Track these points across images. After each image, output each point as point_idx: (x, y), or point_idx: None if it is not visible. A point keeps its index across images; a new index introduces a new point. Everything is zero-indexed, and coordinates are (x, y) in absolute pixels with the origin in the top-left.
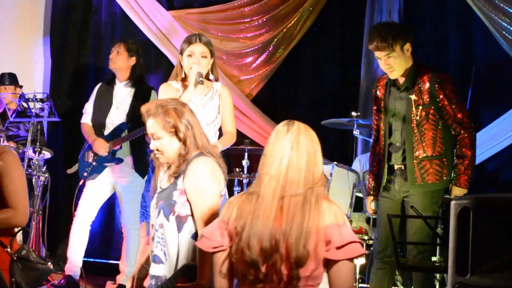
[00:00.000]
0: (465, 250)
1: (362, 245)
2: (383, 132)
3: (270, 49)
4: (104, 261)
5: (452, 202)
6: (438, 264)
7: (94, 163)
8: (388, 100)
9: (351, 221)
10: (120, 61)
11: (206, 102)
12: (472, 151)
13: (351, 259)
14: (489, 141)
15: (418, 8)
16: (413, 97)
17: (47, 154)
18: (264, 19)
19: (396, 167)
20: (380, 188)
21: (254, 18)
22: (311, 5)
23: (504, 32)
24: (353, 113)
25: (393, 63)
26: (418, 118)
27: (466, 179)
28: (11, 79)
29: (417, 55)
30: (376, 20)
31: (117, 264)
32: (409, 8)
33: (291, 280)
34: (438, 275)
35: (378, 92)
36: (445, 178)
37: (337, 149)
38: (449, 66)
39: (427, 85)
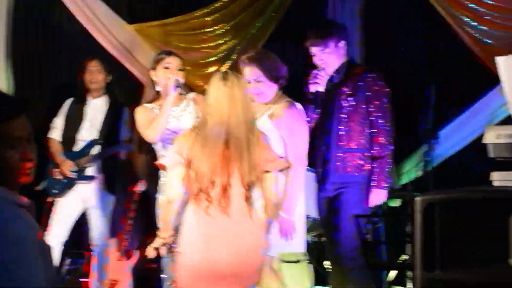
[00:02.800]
0: (431, 246)
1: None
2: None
3: (233, 57)
4: None
5: (418, 198)
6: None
7: (64, 180)
8: (327, 94)
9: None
10: (101, 79)
11: (180, 114)
12: (386, 153)
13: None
14: (455, 136)
15: (380, 6)
16: (344, 89)
17: None
18: (227, 28)
19: (325, 162)
20: None
21: (216, 27)
22: (273, 11)
23: (464, 27)
24: None
25: (326, 59)
26: (347, 109)
27: (384, 180)
28: None
29: (379, 51)
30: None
31: (87, 282)
32: (370, 8)
33: (246, 198)
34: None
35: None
36: (366, 172)
37: None
38: (412, 63)
39: (359, 78)
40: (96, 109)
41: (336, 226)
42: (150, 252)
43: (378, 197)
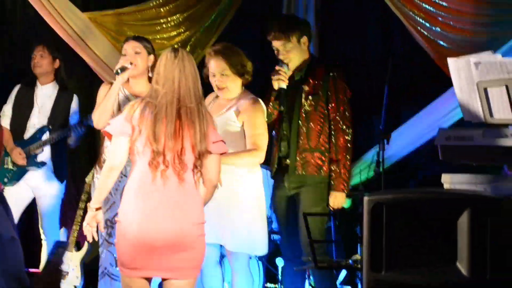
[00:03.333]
0: (379, 246)
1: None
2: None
3: (187, 49)
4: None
5: (365, 198)
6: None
7: (14, 168)
8: (287, 94)
9: (271, 222)
10: (46, 65)
11: None
12: (345, 154)
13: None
14: (409, 137)
15: (335, 3)
16: (305, 87)
17: None
18: (181, 19)
19: (283, 161)
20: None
21: (170, 18)
22: (227, 4)
23: (419, 28)
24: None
25: (288, 54)
26: (307, 108)
27: (344, 183)
28: None
29: (334, 49)
30: None
31: (37, 273)
32: (326, 4)
33: (194, 166)
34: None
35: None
36: (325, 173)
37: None
38: (367, 62)
39: (320, 77)
40: (45, 95)
41: (294, 224)
42: (85, 229)
43: (337, 200)
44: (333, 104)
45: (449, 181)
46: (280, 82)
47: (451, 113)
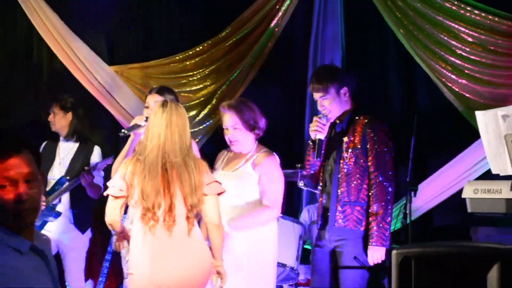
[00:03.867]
0: None
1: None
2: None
3: (214, 102)
4: None
5: (393, 252)
6: None
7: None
8: (328, 140)
9: (298, 274)
10: (58, 121)
11: None
12: (384, 208)
13: (216, 194)
14: (436, 189)
15: (361, 56)
16: (345, 139)
17: None
18: (207, 72)
19: (325, 212)
20: None
21: (196, 72)
22: (253, 57)
23: (444, 80)
24: (297, 165)
25: (327, 105)
26: (347, 161)
27: (383, 237)
28: None
29: (360, 101)
30: None
31: None
32: (352, 57)
33: (187, 218)
34: None
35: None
36: (364, 227)
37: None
38: (393, 115)
39: (360, 129)
40: (66, 148)
41: (334, 280)
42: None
43: (376, 254)
44: (372, 158)
45: (478, 234)
46: (317, 133)
47: (478, 165)
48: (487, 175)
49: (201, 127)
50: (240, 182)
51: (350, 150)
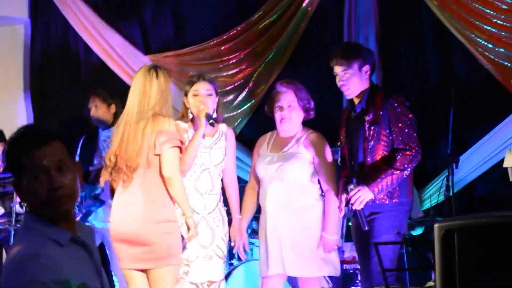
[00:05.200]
0: (452, 274)
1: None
2: (347, 156)
3: (250, 85)
4: None
5: (436, 225)
6: None
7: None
8: (348, 124)
9: (343, 252)
10: (102, 114)
11: (214, 143)
12: (401, 168)
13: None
14: (476, 161)
15: (395, 30)
16: (366, 117)
17: None
18: (242, 56)
19: None
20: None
21: (231, 56)
22: (288, 38)
23: (481, 49)
24: (337, 142)
25: (348, 80)
26: (370, 138)
27: (379, 187)
28: None
29: (397, 77)
30: None
31: None
32: (386, 30)
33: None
34: None
35: (342, 119)
36: (396, 199)
37: None
38: (430, 88)
39: (379, 105)
40: (106, 139)
41: (367, 253)
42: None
43: (362, 195)
44: (394, 131)
45: None
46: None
47: None
48: None
49: (239, 110)
50: (294, 161)
51: (372, 128)
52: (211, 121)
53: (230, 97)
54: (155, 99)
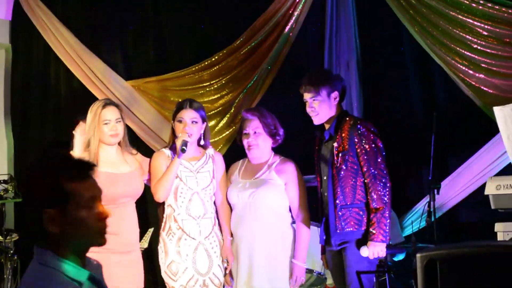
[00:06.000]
0: None
1: None
2: (318, 184)
3: (232, 111)
4: None
5: (418, 255)
6: None
7: None
8: (319, 151)
9: (325, 279)
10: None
11: (201, 167)
12: (383, 204)
13: None
14: (457, 186)
15: (376, 56)
16: (335, 144)
17: (15, 236)
18: (223, 82)
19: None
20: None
21: (213, 82)
22: (269, 64)
23: (462, 75)
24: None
25: (317, 107)
26: (338, 165)
27: (382, 233)
28: None
29: (378, 103)
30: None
31: None
32: (367, 58)
33: None
34: None
35: (314, 146)
36: (365, 227)
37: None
38: (412, 114)
39: (347, 132)
40: None
41: (343, 281)
42: None
43: (376, 250)
44: (362, 158)
45: (503, 229)
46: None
47: (499, 159)
48: (508, 170)
49: (220, 136)
50: (266, 188)
51: (340, 154)
52: (182, 147)
53: (212, 122)
54: None
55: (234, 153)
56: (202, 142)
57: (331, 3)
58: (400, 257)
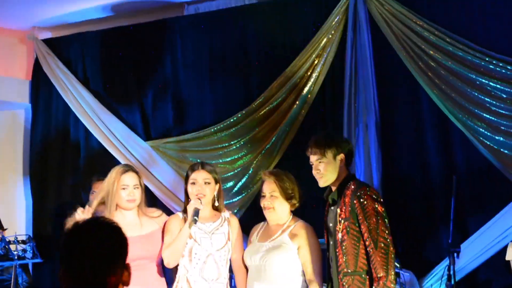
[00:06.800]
0: None
1: None
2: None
3: (250, 172)
4: None
5: None
6: None
7: None
8: (327, 214)
9: None
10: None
11: (216, 228)
12: (386, 272)
13: None
14: (477, 249)
15: (395, 118)
16: (338, 210)
17: None
18: (242, 142)
19: None
20: None
21: (232, 143)
22: (287, 125)
23: (481, 138)
24: None
25: (322, 169)
26: (341, 232)
27: None
28: None
29: (396, 166)
30: (355, 133)
31: None
32: (386, 118)
33: None
34: None
35: (325, 209)
36: None
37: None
38: (430, 177)
39: (349, 198)
40: None
41: None
42: None
43: None
44: (363, 225)
45: None
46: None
47: None
48: None
49: (239, 197)
50: (278, 252)
51: (342, 221)
52: (194, 218)
53: (230, 183)
54: None
55: (252, 215)
56: (216, 204)
57: (350, 64)
58: None
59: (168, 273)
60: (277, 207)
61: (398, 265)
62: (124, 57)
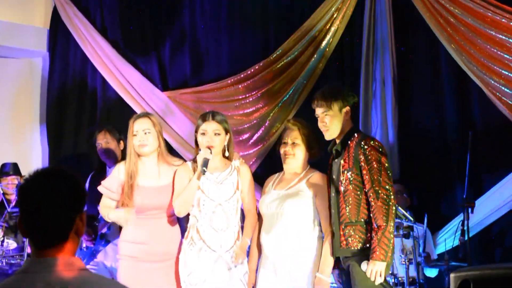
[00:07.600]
0: None
1: None
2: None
3: (266, 124)
4: None
5: (452, 275)
6: None
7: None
8: (331, 166)
9: None
10: (113, 150)
11: (224, 178)
12: (385, 223)
13: None
14: (492, 205)
15: (412, 74)
16: (341, 161)
17: None
18: (259, 95)
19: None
20: None
21: (248, 95)
22: (304, 78)
23: (498, 94)
24: None
25: (328, 122)
26: (344, 182)
27: (382, 252)
28: (14, 169)
29: (413, 121)
30: (371, 89)
31: None
32: (403, 75)
33: None
34: None
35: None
36: (368, 245)
37: None
38: (447, 132)
39: (352, 149)
40: None
41: None
42: None
43: (375, 268)
44: (367, 176)
45: None
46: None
47: None
48: None
49: (255, 149)
50: (295, 199)
51: (345, 172)
52: (203, 169)
53: (246, 135)
54: None
55: (268, 166)
56: (226, 154)
57: (368, 18)
58: (433, 273)
59: (181, 222)
60: (298, 155)
61: (411, 219)
62: (142, 7)
